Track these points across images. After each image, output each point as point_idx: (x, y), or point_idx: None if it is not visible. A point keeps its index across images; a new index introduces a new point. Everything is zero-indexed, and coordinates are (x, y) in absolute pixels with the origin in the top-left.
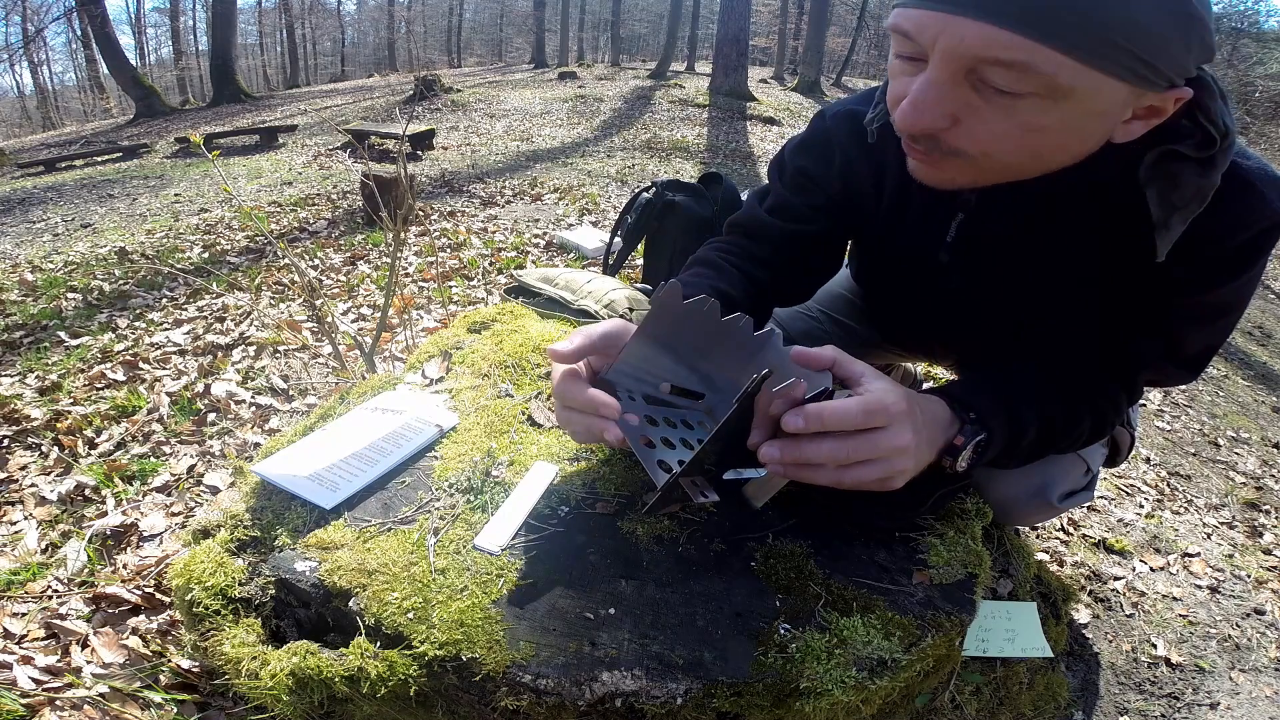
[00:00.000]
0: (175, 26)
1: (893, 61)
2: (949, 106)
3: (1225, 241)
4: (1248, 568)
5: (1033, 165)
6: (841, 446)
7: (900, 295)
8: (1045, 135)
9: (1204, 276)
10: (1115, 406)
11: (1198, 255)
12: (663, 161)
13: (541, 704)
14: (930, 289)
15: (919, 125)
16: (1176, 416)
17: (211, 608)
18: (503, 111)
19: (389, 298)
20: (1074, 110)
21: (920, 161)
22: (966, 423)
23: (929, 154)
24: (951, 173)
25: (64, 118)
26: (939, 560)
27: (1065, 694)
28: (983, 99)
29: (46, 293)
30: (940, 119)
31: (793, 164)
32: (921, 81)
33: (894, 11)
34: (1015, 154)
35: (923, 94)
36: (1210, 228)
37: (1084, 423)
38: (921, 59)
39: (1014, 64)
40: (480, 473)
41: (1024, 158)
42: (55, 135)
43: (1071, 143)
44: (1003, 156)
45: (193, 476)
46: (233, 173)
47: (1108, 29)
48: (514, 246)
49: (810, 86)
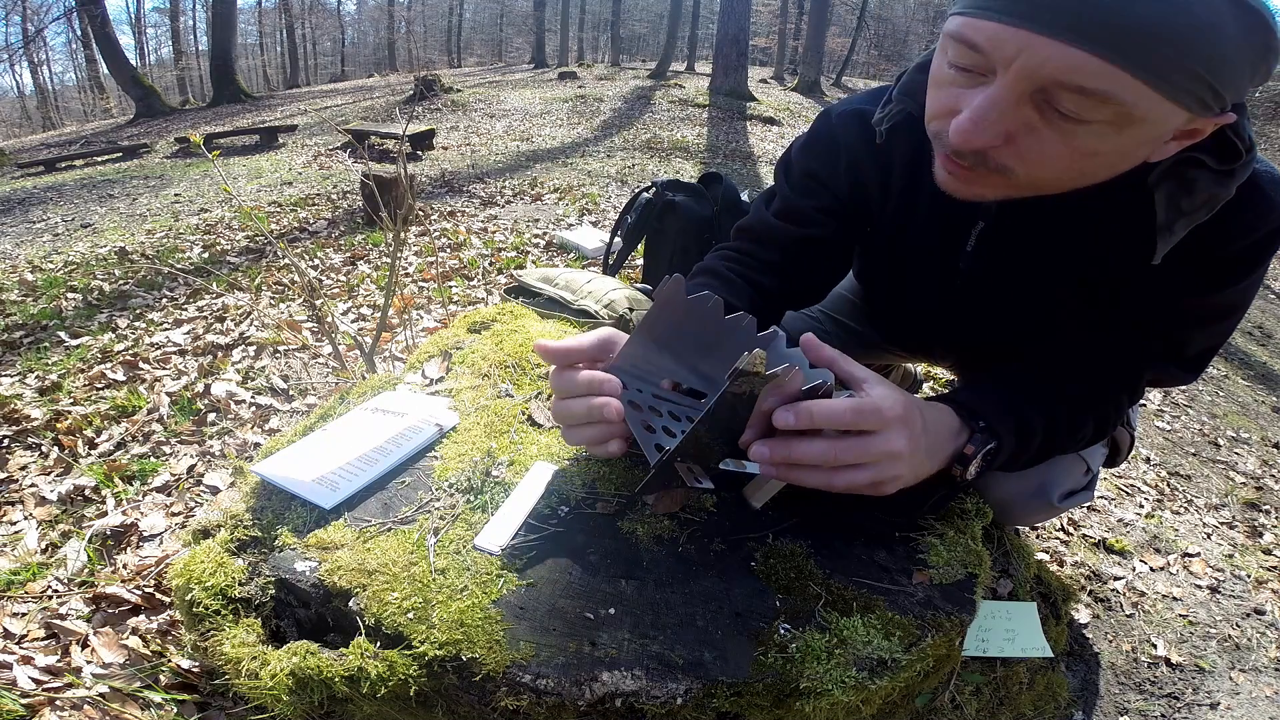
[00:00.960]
0: (175, 26)
1: (943, 69)
2: (1009, 125)
3: (1231, 245)
4: (1248, 568)
5: (1072, 184)
6: (831, 448)
7: (906, 298)
8: (1098, 159)
9: (1209, 280)
10: (1117, 407)
11: (1204, 259)
12: (663, 161)
13: (541, 704)
14: (941, 293)
15: (976, 143)
16: (1176, 416)
17: (211, 608)
18: (503, 111)
19: (389, 298)
20: (1134, 136)
21: (954, 174)
22: (976, 431)
23: (972, 169)
24: (985, 188)
25: (64, 118)
26: (939, 560)
27: (1065, 694)
28: (1044, 120)
29: (46, 293)
30: (997, 138)
31: (799, 166)
32: (986, 98)
33: (957, 19)
34: (1062, 175)
35: (985, 112)
36: (1217, 232)
37: (1087, 424)
38: (983, 72)
39: (1094, 92)
40: (480, 473)
41: (1069, 178)
42: (55, 135)
43: (1119, 164)
44: (1047, 176)
45: (193, 476)
46: (233, 173)
47: (1197, 61)
48: (514, 246)
49: (810, 86)
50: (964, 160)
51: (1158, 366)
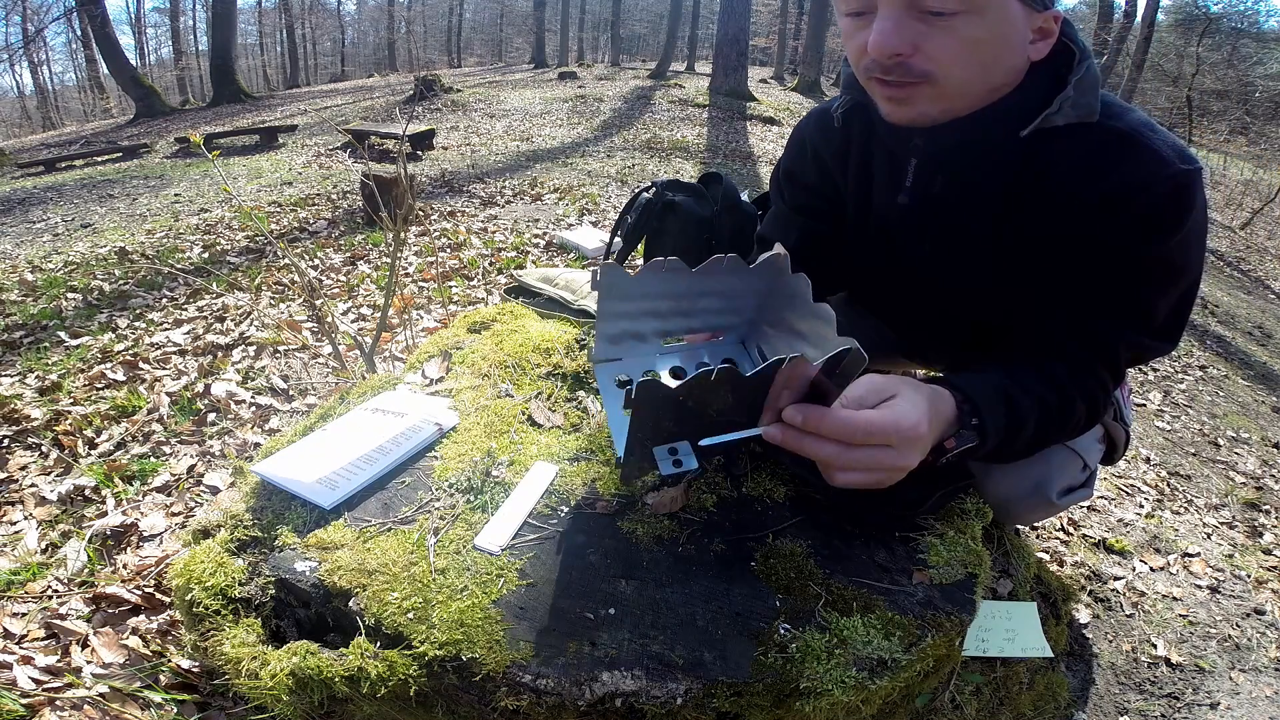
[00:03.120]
0: (175, 26)
1: (845, 25)
2: (907, 35)
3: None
4: (1248, 568)
5: (982, 79)
6: (840, 454)
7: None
8: (983, 47)
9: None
10: (1104, 388)
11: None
12: (663, 161)
13: (541, 704)
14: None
15: (888, 49)
16: (1176, 416)
17: (211, 608)
18: (503, 111)
19: (389, 298)
20: (994, 23)
21: (891, 98)
22: (964, 428)
23: (900, 85)
24: (921, 104)
25: (64, 118)
26: (939, 560)
27: (1065, 694)
28: (929, 25)
29: (46, 293)
30: (904, 44)
31: (782, 167)
32: (879, 22)
33: None
34: (967, 68)
35: (884, 26)
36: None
37: (1077, 408)
38: (868, 11)
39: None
40: (480, 473)
41: (974, 70)
42: (55, 135)
43: (1003, 54)
44: (959, 72)
45: (193, 476)
46: (233, 173)
47: None
48: (514, 246)
49: (810, 86)
50: (891, 76)
51: (1133, 341)
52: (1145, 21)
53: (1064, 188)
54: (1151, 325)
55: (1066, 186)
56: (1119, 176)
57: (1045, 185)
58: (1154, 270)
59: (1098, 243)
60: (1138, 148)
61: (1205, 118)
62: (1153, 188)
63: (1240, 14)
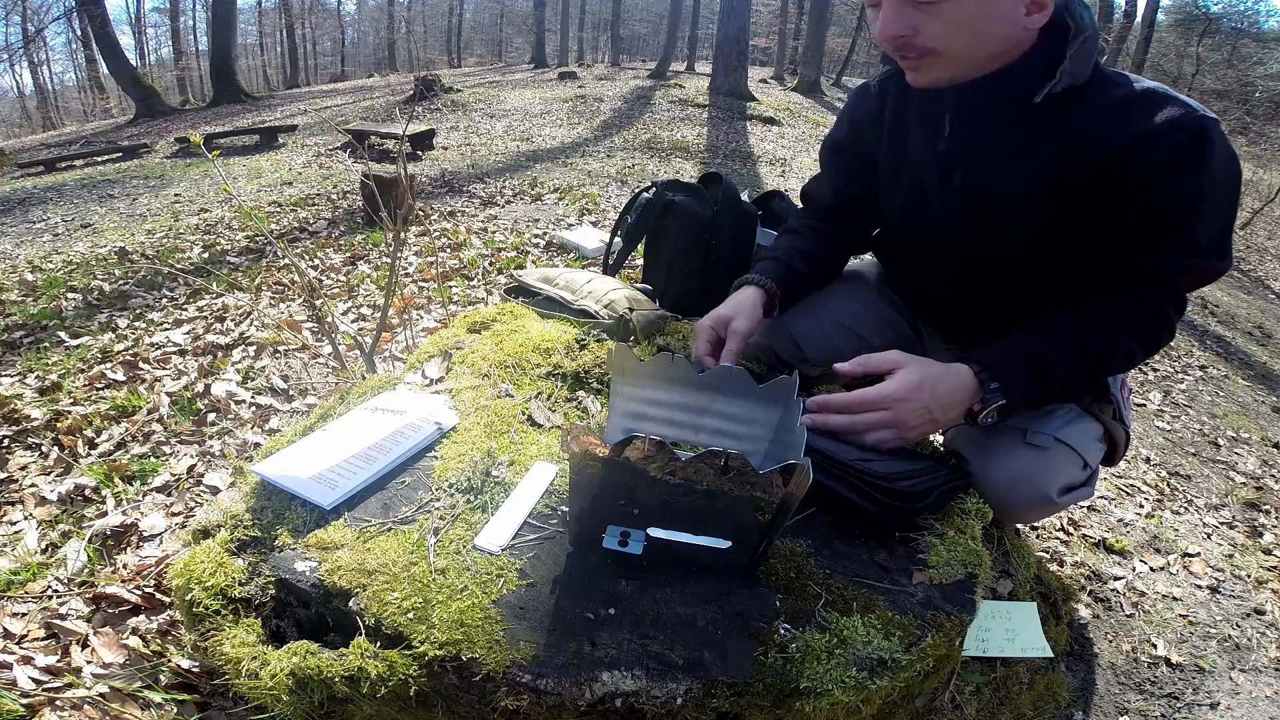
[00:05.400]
0: (175, 26)
1: (869, 15)
2: (905, 20)
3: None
4: (1248, 568)
5: (978, 51)
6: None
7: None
8: (971, 26)
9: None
10: (1161, 316)
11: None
12: (663, 161)
13: (541, 704)
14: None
15: (889, 34)
16: (1176, 416)
17: (211, 608)
18: (503, 111)
19: (389, 298)
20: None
21: (910, 69)
22: (986, 392)
23: (910, 59)
24: (934, 71)
25: (64, 118)
26: (939, 560)
27: (1065, 694)
28: (921, 12)
29: (46, 293)
30: (903, 29)
31: (829, 139)
32: (881, 13)
33: None
34: (960, 42)
35: (886, 18)
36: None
37: (1122, 339)
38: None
39: None
40: (480, 473)
41: (968, 44)
42: (55, 135)
43: (994, 27)
44: (956, 45)
45: (193, 476)
46: (233, 173)
47: None
48: (514, 246)
49: (810, 86)
50: (905, 53)
51: (1184, 265)
52: (1145, 21)
53: (1096, 136)
54: (1198, 247)
55: (1098, 136)
56: (1148, 121)
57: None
58: (1191, 198)
59: (1132, 180)
60: (1164, 98)
61: None
62: (1181, 128)
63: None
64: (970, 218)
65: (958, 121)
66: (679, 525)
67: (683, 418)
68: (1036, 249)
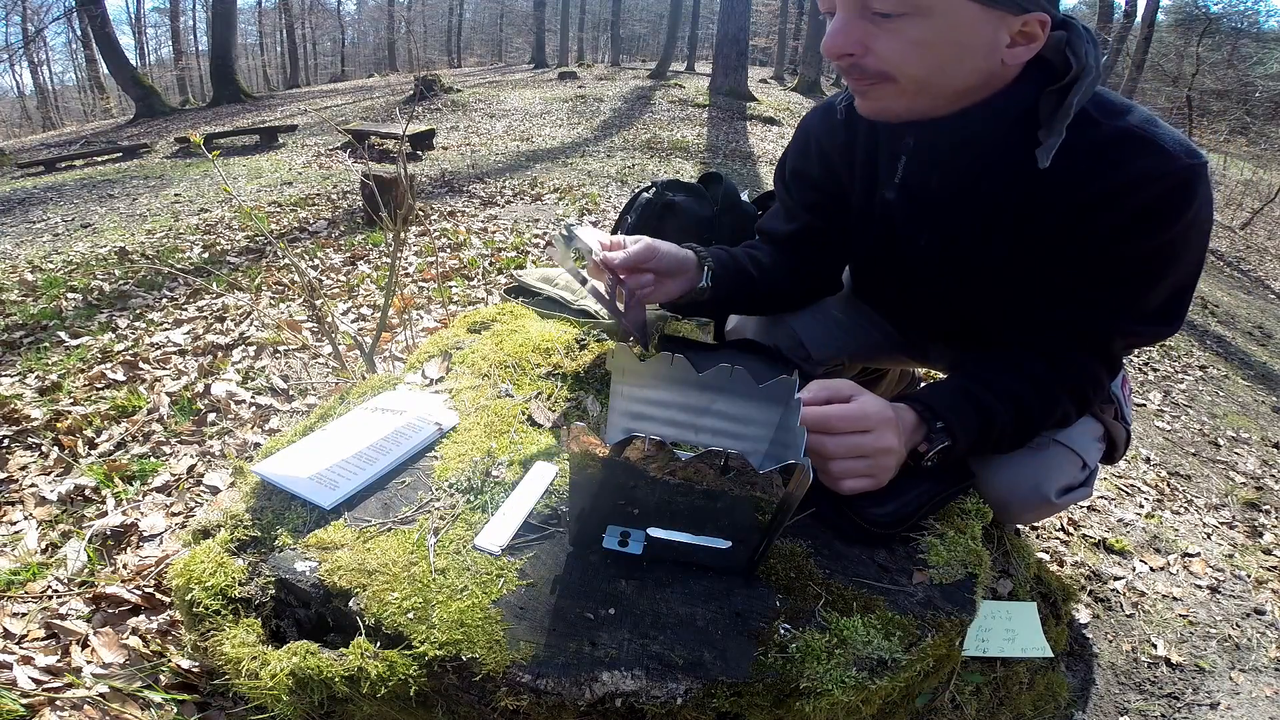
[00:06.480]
0: (175, 26)
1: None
2: (855, 35)
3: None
4: (1248, 568)
5: (941, 80)
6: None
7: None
8: (935, 50)
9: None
10: (1094, 381)
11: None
12: (663, 161)
13: (541, 704)
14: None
15: (834, 49)
16: (1176, 416)
17: (211, 608)
18: (503, 111)
19: (389, 298)
20: (944, 26)
21: (858, 93)
22: (932, 431)
23: (860, 81)
24: (884, 100)
25: (64, 118)
26: (939, 560)
27: (1065, 694)
28: (877, 26)
29: (46, 293)
30: (851, 44)
31: (788, 165)
32: (831, 24)
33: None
34: (920, 67)
35: (834, 29)
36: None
37: (1061, 402)
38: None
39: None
40: (480, 473)
41: (929, 71)
42: (55, 135)
43: (961, 56)
44: (912, 71)
45: (193, 476)
46: (233, 173)
47: None
48: (514, 246)
49: (810, 86)
50: (851, 75)
51: (1126, 329)
52: (1145, 21)
53: (1066, 185)
54: (1144, 312)
55: (1069, 184)
56: (1123, 173)
57: (1048, 183)
58: (1150, 260)
59: (1092, 236)
60: (1142, 145)
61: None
62: (1157, 183)
63: (1240, 14)
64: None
65: (916, 167)
66: (679, 525)
67: (683, 418)
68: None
